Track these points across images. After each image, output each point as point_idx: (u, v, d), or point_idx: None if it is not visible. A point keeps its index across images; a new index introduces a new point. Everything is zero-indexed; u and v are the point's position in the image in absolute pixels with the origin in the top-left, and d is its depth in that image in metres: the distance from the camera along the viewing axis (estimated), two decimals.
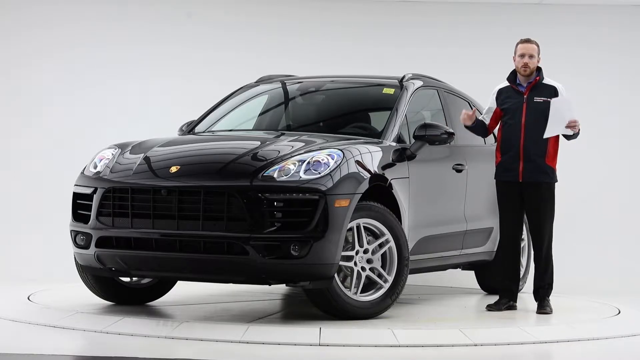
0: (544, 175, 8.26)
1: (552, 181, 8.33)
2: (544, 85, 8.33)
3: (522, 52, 8.32)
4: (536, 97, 8.27)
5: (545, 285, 8.40)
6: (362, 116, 8.89)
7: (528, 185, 8.28)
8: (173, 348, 6.59)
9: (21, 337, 7.06)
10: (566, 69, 11.23)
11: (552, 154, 8.30)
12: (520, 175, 8.26)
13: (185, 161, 7.52)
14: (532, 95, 8.29)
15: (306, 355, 6.50)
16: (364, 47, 11.51)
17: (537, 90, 8.30)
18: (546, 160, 8.26)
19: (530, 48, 8.31)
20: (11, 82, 11.35)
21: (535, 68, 8.33)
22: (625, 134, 11.59)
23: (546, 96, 8.25)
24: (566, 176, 10.61)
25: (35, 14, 11.39)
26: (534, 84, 8.31)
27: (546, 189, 8.30)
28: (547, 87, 8.31)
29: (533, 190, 8.28)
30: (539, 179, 8.26)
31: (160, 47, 11.42)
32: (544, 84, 8.32)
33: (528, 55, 8.29)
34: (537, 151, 8.22)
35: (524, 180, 8.26)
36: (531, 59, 8.29)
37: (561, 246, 10.91)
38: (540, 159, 8.23)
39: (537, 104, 8.24)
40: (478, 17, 11.62)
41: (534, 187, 8.28)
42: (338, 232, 7.16)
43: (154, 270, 7.51)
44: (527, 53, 8.30)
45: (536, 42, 8.37)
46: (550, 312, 8.32)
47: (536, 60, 8.33)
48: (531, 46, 8.32)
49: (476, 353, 6.79)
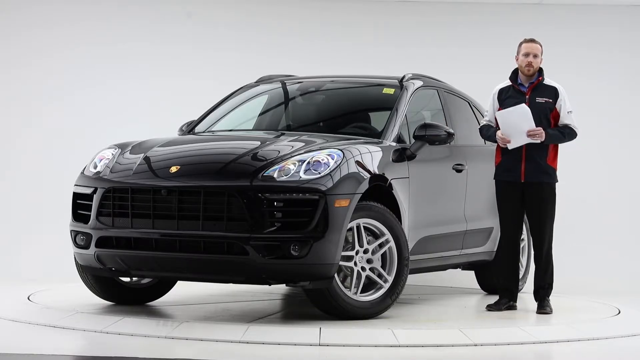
0: (546, 175, 8.27)
1: (554, 181, 8.34)
2: (545, 85, 8.33)
3: (527, 51, 8.32)
4: (538, 98, 8.27)
5: (545, 286, 8.40)
6: (362, 116, 8.89)
7: (530, 186, 8.28)
8: (173, 348, 6.59)
9: (21, 337, 7.06)
10: (566, 69, 11.23)
11: (553, 154, 8.32)
12: (522, 175, 8.27)
13: (185, 161, 7.52)
14: (534, 96, 8.29)
15: (306, 355, 6.50)
16: (364, 47, 11.51)
17: (539, 90, 8.31)
18: (547, 160, 8.27)
19: (534, 47, 8.32)
20: (11, 82, 11.36)
21: (538, 68, 8.34)
22: (626, 134, 11.59)
23: (547, 97, 8.26)
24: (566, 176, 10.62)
25: (35, 14, 11.40)
26: (535, 84, 8.32)
27: (548, 189, 8.31)
28: (548, 87, 8.32)
29: (534, 190, 8.28)
30: (541, 179, 8.26)
31: (160, 47, 11.42)
32: (545, 84, 8.33)
33: (532, 54, 8.30)
34: (539, 151, 8.23)
35: (526, 181, 8.27)
36: (535, 59, 8.30)
37: (561, 246, 10.91)
38: (542, 159, 8.25)
39: (539, 104, 8.25)
40: (478, 17, 11.62)
41: (536, 187, 8.28)
42: (338, 232, 7.16)
43: (154, 270, 7.51)
44: (532, 52, 8.30)
45: (540, 43, 8.38)
46: (550, 312, 8.32)
47: (539, 60, 8.34)
48: (535, 46, 8.33)
49: (476, 353, 6.79)
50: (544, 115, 8.22)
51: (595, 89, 11.54)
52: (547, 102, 8.24)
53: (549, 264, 8.41)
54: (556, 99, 8.27)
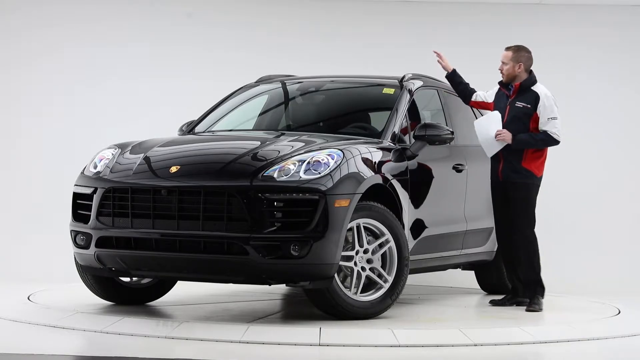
0: (519, 175, 8.48)
1: (527, 182, 8.49)
2: (530, 90, 8.53)
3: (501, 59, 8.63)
4: (518, 102, 8.52)
5: (530, 282, 8.50)
6: (362, 116, 8.89)
7: (506, 184, 8.55)
8: (173, 348, 6.60)
9: (21, 337, 7.06)
10: (566, 69, 11.24)
11: (531, 157, 8.50)
12: (499, 174, 8.56)
13: (185, 161, 7.52)
14: (515, 99, 8.55)
15: (306, 355, 6.50)
16: (364, 47, 11.50)
17: (521, 95, 8.54)
18: (522, 162, 8.48)
19: (503, 55, 8.63)
20: (11, 82, 11.35)
21: (511, 74, 8.56)
22: (626, 134, 11.58)
23: (527, 102, 8.50)
24: (566, 176, 10.63)
25: (35, 14, 11.39)
26: (517, 89, 8.55)
27: (521, 188, 8.48)
28: (531, 93, 8.53)
29: (510, 189, 8.54)
30: (514, 179, 8.50)
31: (160, 47, 11.41)
32: (531, 89, 8.52)
33: (501, 62, 8.60)
34: (515, 153, 8.47)
35: (503, 179, 8.55)
36: (504, 66, 8.58)
37: (561, 247, 10.94)
38: (516, 160, 8.48)
39: (517, 108, 8.51)
40: (478, 17, 11.61)
41: (511, 186, 8.53)
42: (338, 232, 7.16)
43: (154, 270, 7.51)
44: (501, 60, 8.61)
45: (514, 48, 8.59)
46: (539, 310, 8.40)
47: (510, 66, 8.55)
48: (504, 53, 8.63)
49: (476, 353, 6.79)
50: (521, 119, 8.47)
51: (595, 89, 11.53)
52: (525, 107, 8.49)
53: (529, 261, 8.50)
54: (536, 105, 8.45)
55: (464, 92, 8.86)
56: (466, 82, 8.88)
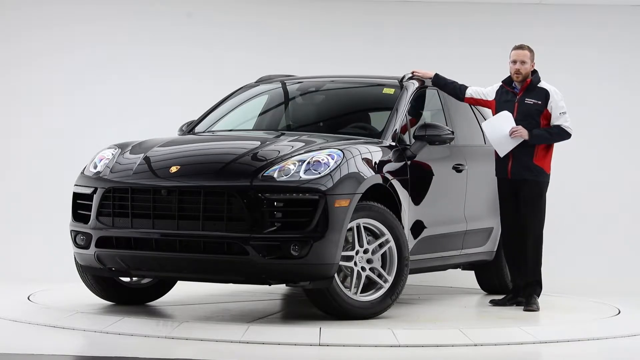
0: (530, 173, 8.43)
1: (539, 179, 8.45)
2: (538, 87, 8.49)
3: (514, 59, 8.53)
4: (527, 99, 8.46)
5: (532, 282, 8.48)
6: (362, 116, 8.89)
7: (516, 183, 8.47)
8: (173, 348, 6.60)
9: (21, 337, 7.06)
10: (566, 69, 11.24)
11: (542, 154, 8.44)
12: (509, 172, 8.47)
13: (185, 161, 7.52)
14: (524, 97, 8.48)
15: (306, 355, 6.50)
16: (364, 47, 11.50)
17: (530, 92, 8.48)
18: (534, 159, 8.43)
19: (521, 54, 8.50)
20: (11, 82, 11.35)
21: (527, 73, 8.50)
22: (626, 134, 11.58)
23: (537, 99, 8.44)
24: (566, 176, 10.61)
25: (35, 14, 11.39)
26: (526, 86, 8.48)
27: (533, 186, 8.44)
28: (539, 90, 8.47)
29: (520, 187, 8.46)
30: (525, 176, 8.43)
31: (160, 47, 11.41)
32: (539, 87, 8.47)
33: (520, 61, 8.49)
34: (526, 150, 8.40)
35: (512, 178, 8.47)
36: (523, 65, 8.48)
37: (562, 246, 10.93)
38: (527, 157, 8.42)
39: (527, 105, 8.45)
40: (478, 17, 11.61)
41: (521, 185, 8.45)
42: (338, 232, 7.16)
43: (154, 270, 7.51)
44: (519, 59, 8.49)
45: (529, 48, 8.56)
46: (536, 310, 8.40)
47: (529, 65, 8.51)
48: (523, 52, 8.50)
49: (476, 353, 6.79)
50: (532, 116, 8.41)
51: (594, 89, 11.53)
52: (535, 104, 8.44)
53: (537, 261, 8.46)
54: (547, 101, 8.43)
55: (454, 91, 8.81)
56: (452, 81, 8.82)
